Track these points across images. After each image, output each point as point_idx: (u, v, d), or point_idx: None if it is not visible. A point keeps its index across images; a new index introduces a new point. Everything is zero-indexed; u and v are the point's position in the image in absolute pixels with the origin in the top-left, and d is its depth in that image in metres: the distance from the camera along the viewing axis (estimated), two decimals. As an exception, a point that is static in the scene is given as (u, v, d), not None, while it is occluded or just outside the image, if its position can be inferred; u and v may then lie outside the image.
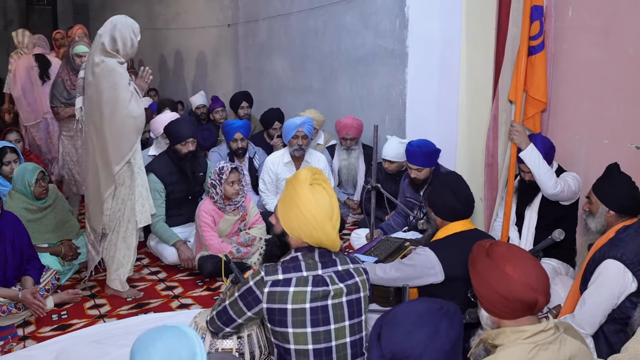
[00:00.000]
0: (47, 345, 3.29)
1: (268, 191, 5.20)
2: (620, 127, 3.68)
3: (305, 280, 2.19)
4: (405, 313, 1.86)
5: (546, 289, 1.85)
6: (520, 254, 1.91)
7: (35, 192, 4.14)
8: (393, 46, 5.16)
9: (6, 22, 12.54)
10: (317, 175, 2.29)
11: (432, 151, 4.24)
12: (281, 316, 2.18)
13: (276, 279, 2.19)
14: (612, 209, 2.93)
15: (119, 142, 3.68)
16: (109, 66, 3.60)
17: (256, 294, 2.20)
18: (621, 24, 3.64)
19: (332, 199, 2.26)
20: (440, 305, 1.87)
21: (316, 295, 2.18)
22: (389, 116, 5.32)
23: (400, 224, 4.55)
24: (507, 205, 3.93)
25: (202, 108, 7.37)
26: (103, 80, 3.60)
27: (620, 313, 2.69)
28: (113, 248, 3.90)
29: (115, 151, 3.68)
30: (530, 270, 1.84)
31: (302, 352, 2.19)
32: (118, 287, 3.99)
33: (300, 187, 2.23)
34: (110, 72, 3.59)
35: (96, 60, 3.62)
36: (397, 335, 1.81)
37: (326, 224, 2.21)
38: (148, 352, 1.67)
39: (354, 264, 2.34)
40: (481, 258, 1.94)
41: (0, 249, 3.62)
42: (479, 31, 4.52)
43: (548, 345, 1.78)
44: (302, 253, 2.27)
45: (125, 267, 3.95)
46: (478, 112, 4.57)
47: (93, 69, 3.63)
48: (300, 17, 6.50)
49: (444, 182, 3.00)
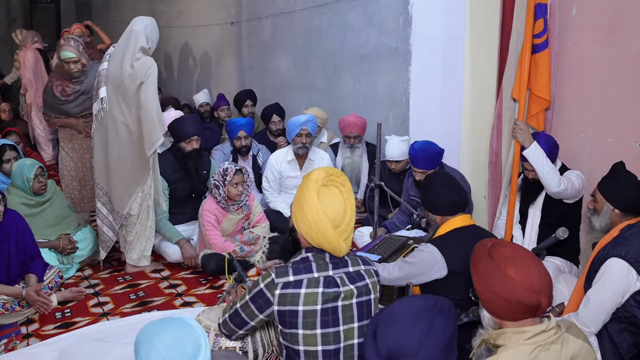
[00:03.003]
0: (51, 343, 3.29)
1: (271, 189, 5.20)
2: (625, 125, 3.67)
3: (316, 281, 2.18)
4: (400, 311, 1.85)
5: (549, 291, 1.83)
6: (523, 254, 1.88)
7: (34, 187, 4.16)
8: (397, 44, 5.15)
9: (9, 21, 12.55)
10: (334, 177, 2.25)
11: (436, 153, 4.21)
12: (292, 318, 2.16)
13: (287, 280, 2.18)
14: (617, 207, 2.92)
15: (151, 128, 4.01)
16: (148, 61, 4.03)
17: (267, 297, 2.19)
18: (626, 22, 3.63)
19: (346, 203, 2.21)
20: (435, 301, 1.86)
21: (327, 296, 2.17)
22: (392, 114, 5.31)
23: (403, 222, 4.54)
24: (511, 204, 3.92)
25: (206, 106, 7.37)
26: (143, 72, 3.99)
27: (624, 312, 2.68)
28: (140, 227, 4.29)
29: (148, 136, 4.03)
30: (533, 272, 1.81)
31: (312, 353, 2.19)
32: (144, 263, 4.39)
33: (308, 188, 2.20)
34: (150, 67, 4.01)
35: (137, 55, 4.04)
36: (392, 333, 1.80)
37: (328, 230, 2.16)
38: (153, 343, 1.67)
39: (365, 266, 2.32)
40: (483, 258, 1.91)
41: (4, 246, 3.63)
42: (482, 29, 4.50)
43: (550, 345, 1.77)
44: (313, 253, 2.26)
45: (150, 242, 4.38)
46: (482, 110, 4.56)
47: (132, 62, 4.02)
48: (304, 15, 6.49)
49: (430, 182, 3.05)
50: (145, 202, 4.22)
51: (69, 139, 4.77)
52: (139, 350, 1.70)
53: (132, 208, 4.19)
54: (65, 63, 4.54)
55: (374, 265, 2.37)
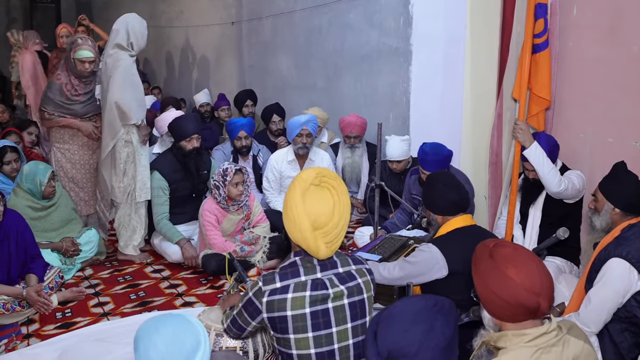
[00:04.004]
0: (51, 344, 3.29)
1: (272, 189, 5.20)
2: (625, 125, 3.67)
3: (303, 285, 2.17)
4: (400, 311, 1.85)
5: (550, 294, 1.81)
6: (525, 255, 1.86)
7: (46, 191, 4.14)
8: (397, 44, 5.15)
9: (9, 20, 12.55)
10: (326, 178, 2.22)
11: (446, 156, 4.16)
12: (282, 323, 2.17)
13: (274, 287, 2.18)
14: (618, 206, 2.93)
15: (112, 120, 4.38)
16: (119, 55, 4.31)
17: (256, 305, 2.20)
18: (626, 22, 3.63)
19: (335, 206, 2.18)
20: (435, 301, 1.86)
21: (315, 298, 2.16)
22: (393, 114, 5.31)
23: (404, 222, 4.54)
24: (511, 204, 3.92)
25: (206, 106, 7.35)
26: (112, 67, 4.31)
27: (625, 312, 2.68)
28: (127, 218, 4.60)
29: (108, 127, 4.42)
30: (534, 274, 1.80)
31: (305, 356, 2.18)
32: (132, 252, 4.65)
33: (294, 188, 2.18)
34: (119, 60, 4.31)
35: (110, 52, 4.34)
36: (393, 334, 1.80)
37: (306, 230, 2.14)
38: (152, 339, 1.67)
39: (356, 265, 2.30)
40: (484, 259, 1.90)
41: (4, 246, 3.63)
42: (483, 29, 4.50)
43: (551, 347, 1.76)
44: (301, 257, 2.25)
45: (139, 234, 4.65)
46: (482, 110, 4.56)
47: (107, 59, 4.34)
48: (305, 15, 6.49)
49: (433, 181, 3.05)
50: (127, 194, 4.53)
51: (66, 140, 4.61)
52: (138, 346, 1.70)
53: (116, 196, 4.55)
54: (80, 62, 4.44)
55: (366, 264, 2.36)
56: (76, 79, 4.53)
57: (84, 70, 4.46)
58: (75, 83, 4.53)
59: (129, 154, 4.47)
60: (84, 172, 4.71)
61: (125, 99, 4.35)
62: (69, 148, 4.64)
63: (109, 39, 4.43)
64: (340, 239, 2.23)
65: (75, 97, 4.54)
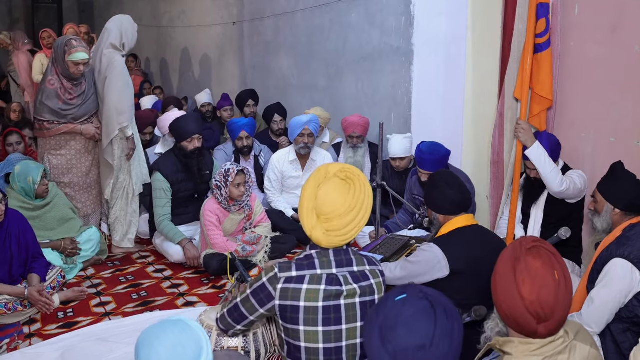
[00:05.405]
0: (53, 343, 3.30)
1: (273, 189, 5.20)
2: (627, 125, 3.67)
3: (319, 278, 2.18)
4: (402, 312, 1.83)
5: (556, 323, 1.71)
6: (550, 277, 1.71)
7: (39, 190, 4.10)
8: (399, 44, 5.15)
9: (12, 21, 12.56)
10: (349, 173, 2.25)
11: (443, 155, 4.17)
12: (293, 313, 2.17)
13: (289, 275, 2.18)
14: (618, 207, 2.92)
15: (108, 120, 4.50)
16: (113, 56, 4.45)
17: (269, 291, 2.19)
18: (628, 22, 3.62)
19: (350, 200, 2.18)
20: (437, 301, 1.84)
21: (329, 293, 2.17)
22: (394, 114, 5.31)
23: (406, 222, 4.54)
24: (513, 203, 3.91)
25: (208, 106, 7.32)
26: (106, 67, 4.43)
27: (627, 312, 2.68)
28: (123, 213, 4.76)
29: (105, 127, 4.55)
30: (549, 301, 1.68)
31: (313, 350, 2.19)
32: (128, 245, 4.83)
33: (313, 178, 2.24)
34: (114, 61, 4.43)
35: (105, 52, 4.46)
36: (398, 336, 1.78)
37: (310, 214, 2.19)
38: (153, 347, 1.66)
39: (370, 266, 2.30)
40: (510, 258, 1.79)
41: (6, 246, 3.63)
42: (485, 29, 4.50)
43: (557, 356, 1.73)
44: (317, 251, 2.26)
45: (135, 226, 4.83)
46: (484, 110, 4.55)
47: (101, 58, 4.44)
48: (306, 15, 6.49)
49: (435, 180, 3.05)
50: (120, 191, 4.71)
51: (62, 146, 4.55)
52: (139, 354, 1.69)
53: (107, 193, 4.71)
54: (74, 65, 4.37)
55: (379, 265, 2.36)
56: (68, 82, 4.47)
57: (77, 73, 4.42)
58: (68, 87, 4.47)
59: (123, 149, 4.63)
60: (80, 176, 4.68)
61: (123, 102, 4.52)
62: (65, 154, 4.58)
63: (101, 37, 4.56)
64: (346, 235, 2.21)
65: (71, 100, 4.49)
